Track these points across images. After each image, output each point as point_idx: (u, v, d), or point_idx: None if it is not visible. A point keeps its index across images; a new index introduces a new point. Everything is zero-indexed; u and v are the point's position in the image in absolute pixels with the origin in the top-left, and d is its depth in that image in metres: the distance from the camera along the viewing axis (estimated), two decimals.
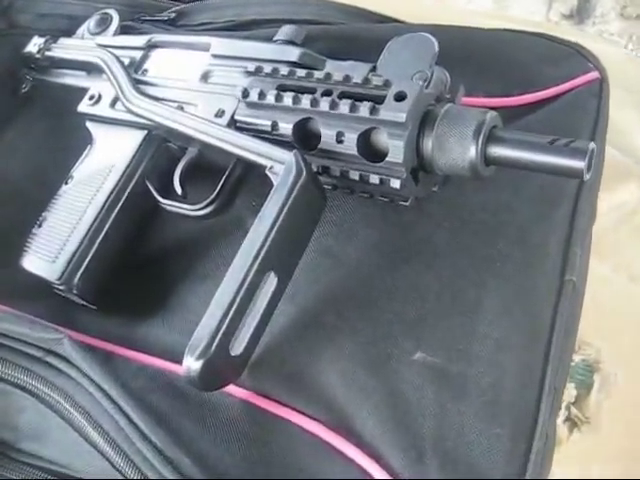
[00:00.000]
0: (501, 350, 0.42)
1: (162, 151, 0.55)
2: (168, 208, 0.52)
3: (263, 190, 0.44)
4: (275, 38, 0.55)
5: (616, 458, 0.50)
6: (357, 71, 0.48)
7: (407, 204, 0.46)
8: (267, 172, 0.45)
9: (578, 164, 0.39)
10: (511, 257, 0.45)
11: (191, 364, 0.39)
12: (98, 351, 0.50)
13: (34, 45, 0.64)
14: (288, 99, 0.47)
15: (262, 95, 0.49)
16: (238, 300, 0.41)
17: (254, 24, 0.64)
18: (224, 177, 0.50)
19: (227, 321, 0.40)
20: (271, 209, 0.43)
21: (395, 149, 0.43)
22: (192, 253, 0.54)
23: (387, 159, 0.44)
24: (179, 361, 0.41)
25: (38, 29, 0.69)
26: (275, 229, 0.42)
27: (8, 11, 0.68)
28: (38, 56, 0.63)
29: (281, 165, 0.45)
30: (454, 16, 0.70)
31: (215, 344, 0.40)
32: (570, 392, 0.50)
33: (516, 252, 0.46)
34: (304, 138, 0.48)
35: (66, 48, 0.63)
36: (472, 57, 0.53)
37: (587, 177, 0.39)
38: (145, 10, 0.69)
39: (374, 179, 0.45)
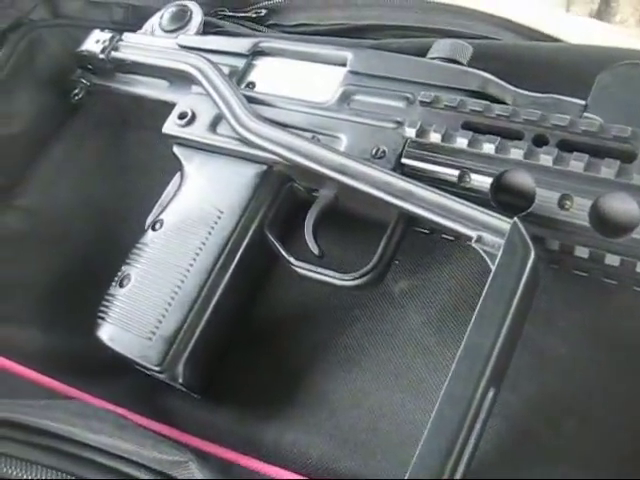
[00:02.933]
0: None
1: (285, 193, 0.43)
2: (302, 272, 0.40)
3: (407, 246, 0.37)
4: (431, 55, 0.43)
5: None
6: (566, 110, 0.37)
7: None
8: (473, 244, 0.34)
9: None
10: None
11: None
12: (210, 459, 0.38)
13: (96, 42, 0.50)
14: (489, 145, 0.36)
15: (448, 136, 0.37)
16: (468, 422, 0.29)
17: (369, 30, 0.52)
18: (386, 238, 0.39)
19: (457, 448, 0.29)
20: (496, 305, 0.32)
21: None
22: (324, 327, 0.42)
23: (633, 235, 0.33)
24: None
25: (90, 20, 0.55)
26: (503, 333, 0.31)
27: None
28: (102, 57, 0.49)
29: (493, 237, 0.34)
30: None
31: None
32: None
33: None
34: (501, 195, 0.37)
35: (140, 49, 0.49)
36: None
37: None
38: (226, 4, 0.56)
39: (612, 260, 0.34)
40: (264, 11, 0.55)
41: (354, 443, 0.37)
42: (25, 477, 0.31)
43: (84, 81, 0.52)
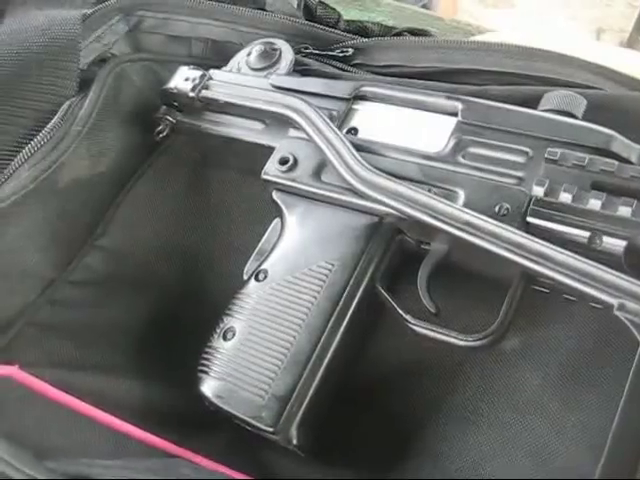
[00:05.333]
0: None
1: (395, 246, 0.42)
2: (421, 332, 0.39)
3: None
4: (543, 107, 0.42)
5: None
6: None
7: None
8: (615, 312, 0.33)
9: None
10: None
11: None
12: None
13: (185, 80, 0.49)
14: (625, 208, 0.35)
15: (579, 197, 0.36)
16: None
17: (464, 74, 0.51)
18: (509, 299, 0.37)
19: None
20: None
21: None
22: (434, 384, 0.41)
23: None
24: None
25: (170, 54, 0.54)
26: None
27: (135, 31, 0.53)
28: (192, 95, 0.48)
29: (637, 305, 0.33)
30: None
31: None
32: None
33: None
34: (632, 257, 0.35)
35: (233, 89, 0.48)
36: None
37: None
38: (309, 41, 0.55)
39: None
40: (351, 50, 0.53)
41: None
42: None
43: (169, 118, 0.51)
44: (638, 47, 1.82)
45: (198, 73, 0.49)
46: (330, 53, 0.54)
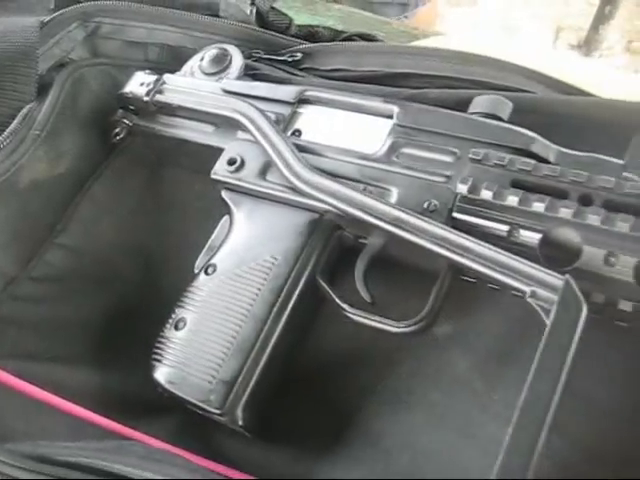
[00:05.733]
0: None
1: (335, 241, 0.45)
2: (358, 320, 0.42)
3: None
4: (472, 110, 0.46)
5: None
6: (607, 169, 0.40)
7: None
8: (528, 299, 0.36)
9: None
10: None
11: None
12: None
13: (140, 85, 0.52)
14: (539, 204, 0.38)
15: (499, 194, 0.39)
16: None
17: (404, 78, 0.54)
18: (437, 287, 0.41)
19: None
20: (553, 358, 0.34)
21: None
22: (371, 369, 0.44)
23: None
24: None
25: (128, 59, 0.57)
26: (561, 384, 0.33)
27: (93, 37, 0.55)
28: (146, 99, 0.51)
29: (546, 292, 0.36)
30: None
31: None
32: None
33: None
34: (549, 250, 0.39)
35: (185, 92, 0.51)
36: None
37: None
38: (260, 46, 0.57)
39: None
40: (300, 55, 0.56)
41: None
42: None
43: (126, 122, 0.53)
44: (595, 45, 1.87)
45: (153, 78, 0.52)
46: (279, 58, 0.57)
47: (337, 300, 0.42)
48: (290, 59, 0.56)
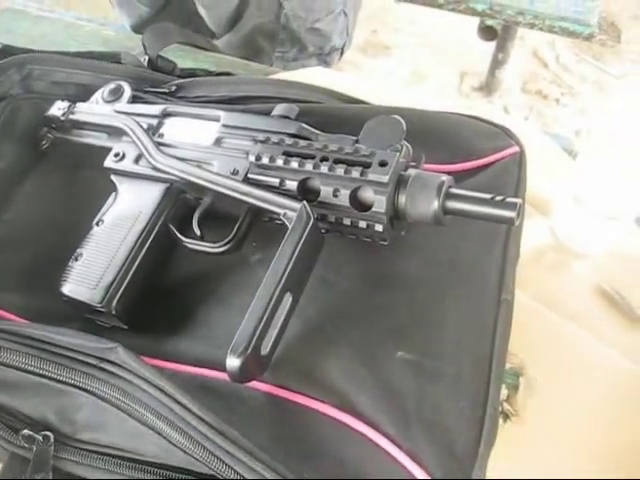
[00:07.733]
0: (460, 349, 0.57)
1: (181, 201, 0.68)
2: (190, 246, 0.65)
3: (262, 234, 0.63)
4: (273, 113, 0.70)
5: (537, 442, 0.66)
6: (345, 143, 0.63)
7: (386, 244, 0.62)
8: (282, 218, 0.60)
9: (511, 214, 0.55)
10: (462, 282, 0.61)
11: (233, 361, 0.52)
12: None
13: (58, 109, 0.75)
14: (294, 163, 0.62)
15: (272, 159, 0.63)
16: (267, 312, 0.54)
17: (244, 100, 0.78)
18: (239, 222, 0.64)
19: (260, 328, 0.53)
20: (289, 246, 0.57)
21: (379, 202, 0.58)
22: (209, 282, 0.66)
23: (372, 209, 0.59)
24: (208, 366, 0.54)
25: (52, 94, 0.80)
26: (293, 260, 0.56)
27: (27, 79, 0.79)
28: (62, 118, 0.75)
29: (293, 212, 0.59)
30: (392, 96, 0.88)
31: (252, 345, 0.53)
32: (502, 392, 0.65)
33: (466, 278, 0.62)
34: (306, 192, 0.62)
35: (89, 113, 0.75)
36: (427, 133, 0.69)
37: (517, 223, 0.56)
38: (147, 82, 0.82)
39: (362, 224, 0.60)
40: (174, 87, 0.81)
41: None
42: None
43: (50, 135, 0.76)
44: (494, 87, 2.16)
45: (67, 104, 0.76)
46: (160, 90, 0.81)
47: (177, 234, 0.65)
48: (167, 90, 0.81)
